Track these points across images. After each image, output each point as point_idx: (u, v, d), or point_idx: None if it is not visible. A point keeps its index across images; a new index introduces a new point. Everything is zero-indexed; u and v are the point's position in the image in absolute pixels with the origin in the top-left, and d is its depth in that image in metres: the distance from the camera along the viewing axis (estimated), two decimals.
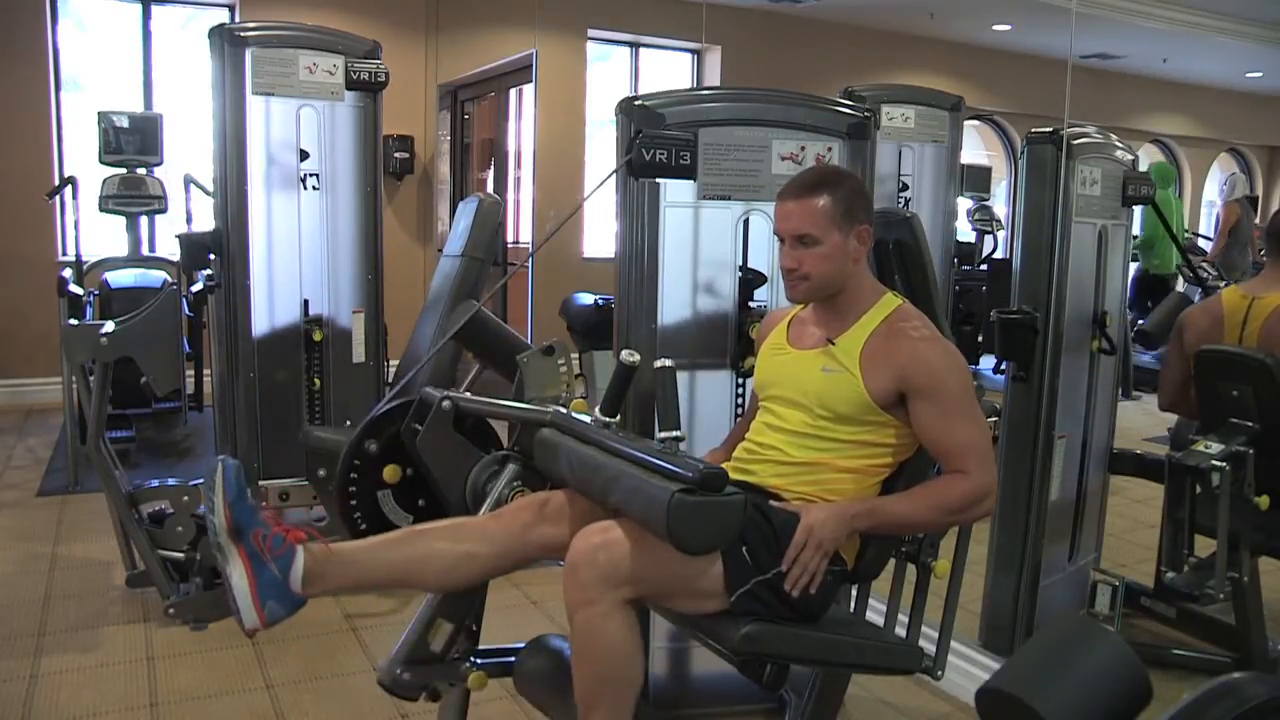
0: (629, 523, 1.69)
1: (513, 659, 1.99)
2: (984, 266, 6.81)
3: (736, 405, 2.47)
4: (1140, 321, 6.82)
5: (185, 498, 3.03)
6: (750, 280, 2.42)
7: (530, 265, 5.58)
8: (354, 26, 4.11)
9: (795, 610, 1.79)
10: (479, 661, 1.92)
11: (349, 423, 3.42)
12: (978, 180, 6.95)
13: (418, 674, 1.85)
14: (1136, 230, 6.42)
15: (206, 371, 4.67)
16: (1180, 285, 7.21)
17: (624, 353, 2.00)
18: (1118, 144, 2.90)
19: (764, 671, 1.79)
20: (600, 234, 6.65)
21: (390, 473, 2.16)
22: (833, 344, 1.91)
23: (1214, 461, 2.49)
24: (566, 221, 2.81)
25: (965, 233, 6.79)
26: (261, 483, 3.26)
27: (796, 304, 2.03)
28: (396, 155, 6.72)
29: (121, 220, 5.38)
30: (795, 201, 1.90)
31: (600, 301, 4.54)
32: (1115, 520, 3.45)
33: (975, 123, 7.60)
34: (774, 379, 2.01)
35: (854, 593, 2.07)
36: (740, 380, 2.45)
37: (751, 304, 2.43)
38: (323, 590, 1.75)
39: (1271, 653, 2.81)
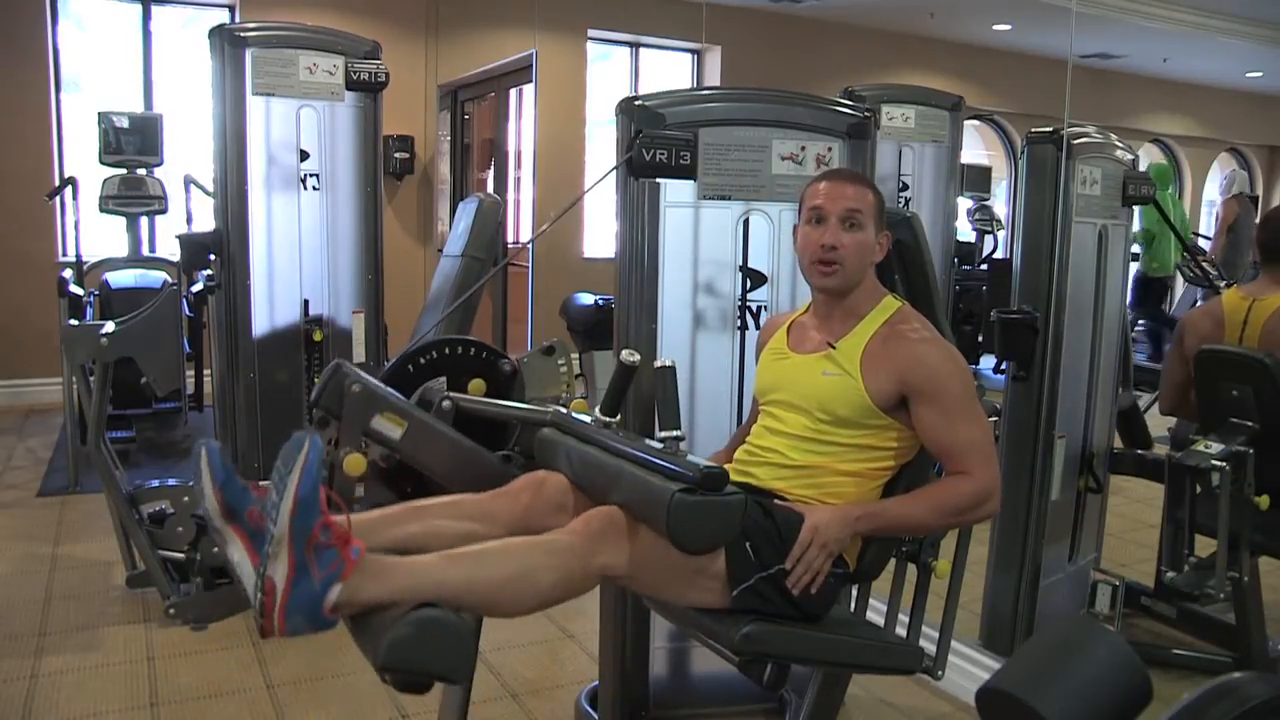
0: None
1: None
2: (984, 266, 6.80)
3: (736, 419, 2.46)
4: (1140, 324, 6.81)
5: (185, 498, 3.03)
6: (752, 308, 2.42)
7: (530, 265, 5.58)
8: (354, 27, 4.12)
9: (797, 610, 1.78)
10: None
11: None
12: (978, 180, 6.95)
13: None
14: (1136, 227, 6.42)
15: (206, 371, 4.68)
16: (1180, 285, 7.21)
17: (624, 353, 2.00)
18: (1118, 144, 2.90)
19: (764, 671, 1.78)
20: (600, 234, 6.65)
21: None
22: (833, 347, 1.92)
23: (1214, 461, 2.49)
24: (566, 213, 2.80)
25: (965, 233, 6.79)
26: (261, 483, 3.25)
27: (821, 291, 1.98)
28: (396, 155, 6.72)
29: (121, 221, 5.37)
30: (851, 185, 1.95)
31: (600, 301, 4.54)
32: (1115, 520, 3.45)
33: (975, 123, 7.59)
34: (775, 383, 2.01)
35: (854, 593, 2.07)
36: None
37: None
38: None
39: (1271, 653, 2.82)
